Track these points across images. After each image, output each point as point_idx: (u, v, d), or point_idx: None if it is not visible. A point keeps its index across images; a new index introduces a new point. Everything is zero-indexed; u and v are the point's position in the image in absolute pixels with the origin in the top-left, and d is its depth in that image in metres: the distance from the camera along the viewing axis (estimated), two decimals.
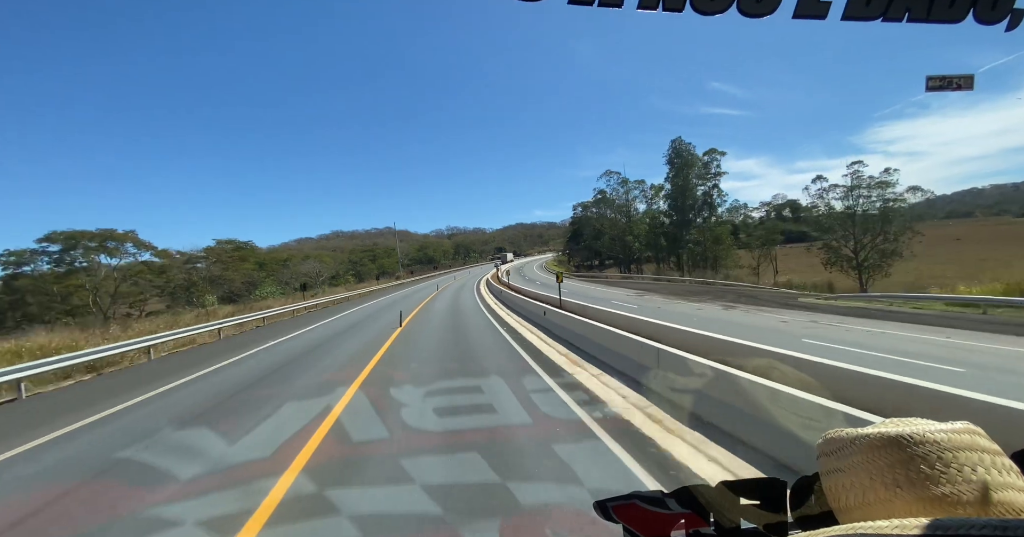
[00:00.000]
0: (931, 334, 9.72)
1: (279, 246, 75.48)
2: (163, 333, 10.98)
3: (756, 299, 19.03)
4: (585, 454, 3.46)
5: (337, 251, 78.26)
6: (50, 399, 6.61)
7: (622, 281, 38.57)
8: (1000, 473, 0.44)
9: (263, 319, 16.66)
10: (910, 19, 0.79)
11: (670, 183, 48.88)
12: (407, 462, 3.30)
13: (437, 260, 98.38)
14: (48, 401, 6.47)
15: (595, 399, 4.95)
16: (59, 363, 7.42)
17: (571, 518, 2.54)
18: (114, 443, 4.27)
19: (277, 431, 4.22)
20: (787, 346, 5.94)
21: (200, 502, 2.90)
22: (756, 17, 0.67)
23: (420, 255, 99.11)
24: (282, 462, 3.42)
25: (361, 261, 73.99)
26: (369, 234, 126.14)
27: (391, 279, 52.32)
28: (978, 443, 0.47)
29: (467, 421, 4.29)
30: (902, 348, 8.23)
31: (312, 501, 2.85)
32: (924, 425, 0.48)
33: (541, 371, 6.36)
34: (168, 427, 4.67)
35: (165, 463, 3.60)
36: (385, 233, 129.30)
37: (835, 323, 11.91)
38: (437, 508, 2.65)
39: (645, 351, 5.53)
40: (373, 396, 5.27)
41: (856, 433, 0.50)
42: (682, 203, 47.70)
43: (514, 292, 19.79)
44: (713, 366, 4.19)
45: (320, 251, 73.36)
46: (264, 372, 7.25)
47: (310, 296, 28.25)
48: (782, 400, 3.23)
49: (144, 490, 3.18)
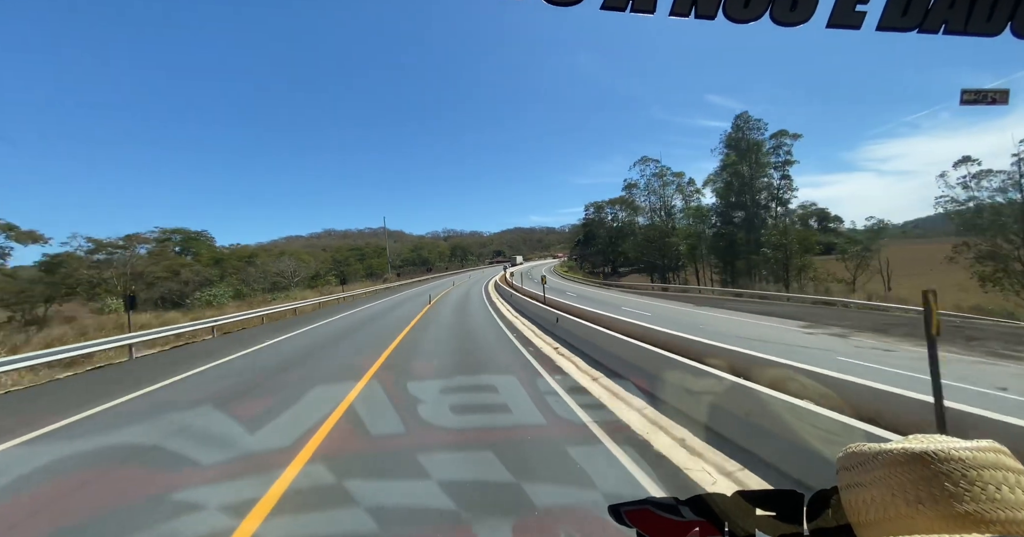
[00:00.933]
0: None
1: (267, 243, 74.24)
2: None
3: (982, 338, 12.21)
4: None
5: (328, 250, 76.35)
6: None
7: (681, 295, 30.76)
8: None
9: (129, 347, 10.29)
10: (946, 31, 0.84)
11: (727, 172, 40.70)
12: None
13: (432, 262, 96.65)
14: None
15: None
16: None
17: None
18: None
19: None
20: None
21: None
22: (789, 26, 0.72)
23: (413, 256, 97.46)
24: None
25: (347, 260, 72.08)
26: (362, 234, 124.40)
27: (378, 281, 47.97)
28: (1003, 462, 0.49)
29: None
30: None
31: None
32: (948, 442, 0.51)
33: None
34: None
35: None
36: (379, 233, 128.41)
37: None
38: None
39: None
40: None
41: (879, 448, 0.53)
42: (747, 198, 39.54)
43: (589, 322, 10.05)
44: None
45: (311, 249, 71.95)
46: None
47: (261, 302, 24.34)
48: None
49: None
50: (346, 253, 76.22)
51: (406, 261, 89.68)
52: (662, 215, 51.86)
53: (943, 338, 10.72)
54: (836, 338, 12.92)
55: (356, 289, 35.39)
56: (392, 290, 37.57)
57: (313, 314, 19.67)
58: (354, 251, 78.49)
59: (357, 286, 39.64)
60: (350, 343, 10.56)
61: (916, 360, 9.84)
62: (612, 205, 76.21)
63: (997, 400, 6.93)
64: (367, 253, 76.29)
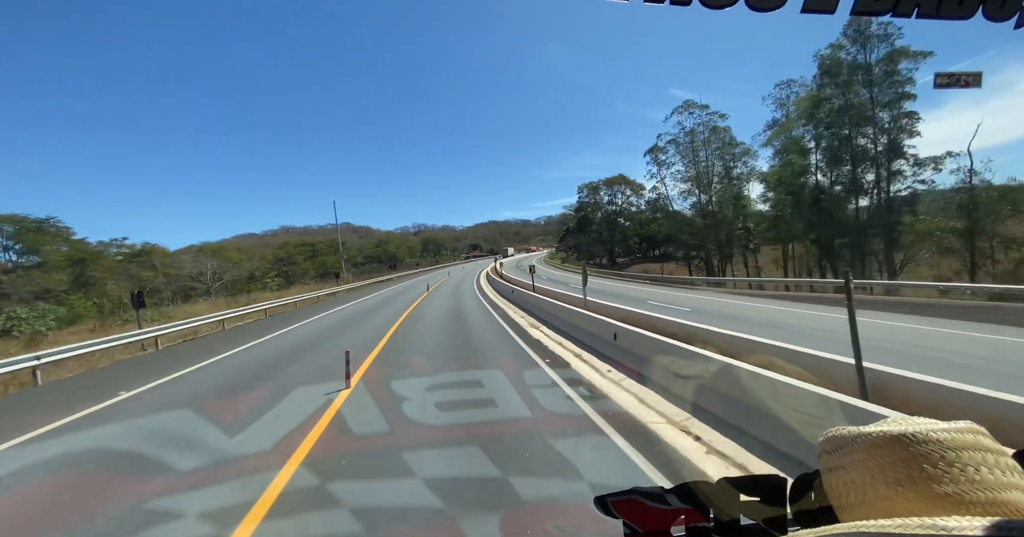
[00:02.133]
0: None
1: (216, 242, 67.51)
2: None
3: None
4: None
5: (281, 247, 72.48)
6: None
7: (765, 292, 23.69)
8: (1003, 473, 0.51)
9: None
10: (919, 15, 0.93)
11: (823, 111, 29.42)
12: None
13: (400, 258, 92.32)
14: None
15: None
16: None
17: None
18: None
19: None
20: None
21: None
22: (764, 11, 0.79)
23: (378, 252, 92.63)
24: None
25: (293, 258, 66.45)
26: (324, 230, 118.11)
27: (330, 282, 40.49)
28: (981, 443, 0.54)
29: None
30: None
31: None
32: (927, 424, 0.56)
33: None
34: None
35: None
36: (343, 229, 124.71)
37: None
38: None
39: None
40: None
41: (858, 431, 0.58)
42: (852, 148, 28.99)
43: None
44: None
45: (266, 247, 68.55)
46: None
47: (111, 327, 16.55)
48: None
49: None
50: (294, 249, 70.98)
51: (369, 258, 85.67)
52: (718, 182, 40.19)
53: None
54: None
55: (286, 296, 26.42)
56: (338, 299, 27.57)
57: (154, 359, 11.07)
58: (304, 247, 72.93)
59: (291, 292, 31.22)
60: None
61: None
62: (610, 186, 74.36)
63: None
64: (320, 249, 71.53)
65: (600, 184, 75.41)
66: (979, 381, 4.13)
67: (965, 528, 0.43)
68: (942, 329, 10.28)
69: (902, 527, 0.46)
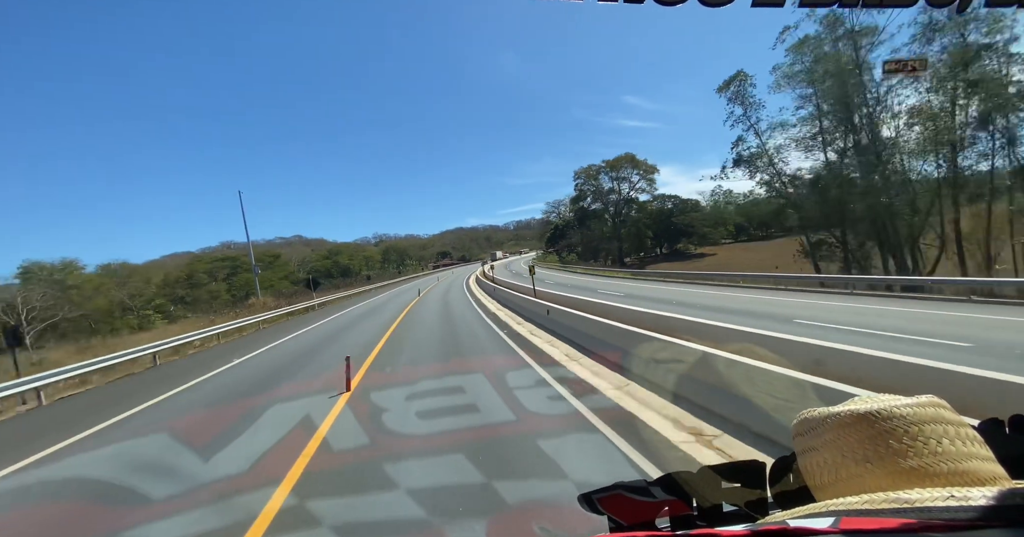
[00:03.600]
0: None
1: (143, 264, 58.41)
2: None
3: None
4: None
5: (194, 264, 62.71)
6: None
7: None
8: (964, 444, 0.59)
9: None
10: (864, 4, 1.09)
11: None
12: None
13: (356, 271, 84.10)
14: None
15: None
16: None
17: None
18: None
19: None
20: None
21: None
22: (715, 6, 0.91)
23: (326, 265, 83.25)
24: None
25: (197, 279, 55.24)
26: (272, 244, 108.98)
27: (241, 310, 30.74)
28: (942, 415, 0.62)
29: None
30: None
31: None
32: (891, 401, 0.64)
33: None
34: None
35: None
36: (294, 242, 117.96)
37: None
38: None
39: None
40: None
41: (828, 412, 0.66)
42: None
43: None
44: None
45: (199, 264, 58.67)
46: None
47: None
48: None
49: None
50: (207, 265, 60.05)
51: (317, 272, 71.02)
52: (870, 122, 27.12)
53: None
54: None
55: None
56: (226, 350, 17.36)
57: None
58: (222, 263, 60.59)
59: (172, 332, 21.86)
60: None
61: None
62: (614, 168, 67.17)
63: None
64: (242, 265, 57.62)
65: (602, 167, 69.05)
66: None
67: (926, 499, 0.50)
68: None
69: (869, 503, 0.53)
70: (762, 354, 6.14)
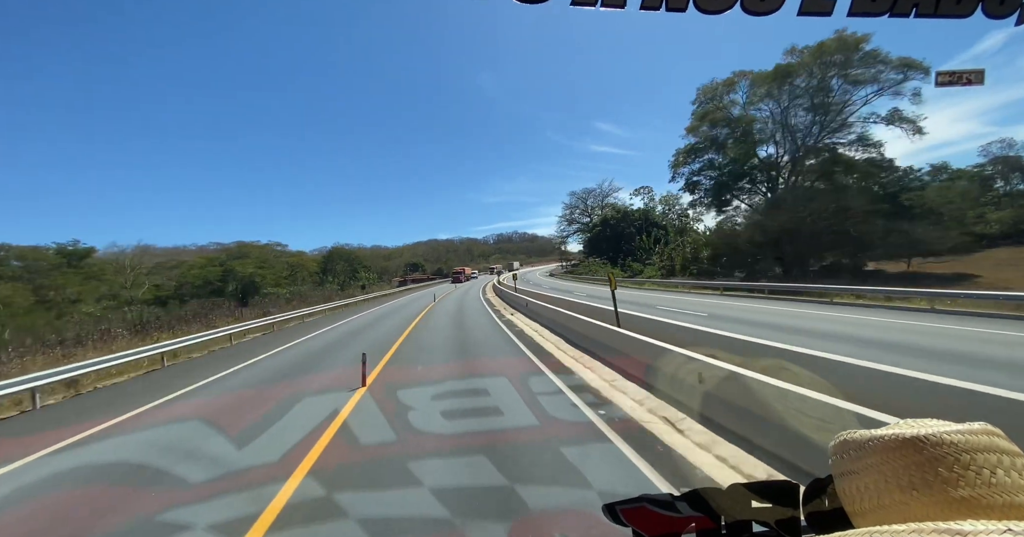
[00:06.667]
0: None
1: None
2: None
3: None
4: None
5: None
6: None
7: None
8: (1020, 476, 0.55)
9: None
10: (918, 14, 1.05)
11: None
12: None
13: (261, 285, 48.59)
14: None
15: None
16: None
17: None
18: None
19: None
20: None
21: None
22: (761, 15, 0.89)
23: (213, 275, 47.88)
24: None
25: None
26: (205, 250, 60.99)
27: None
28: (997, 444, 0.57)
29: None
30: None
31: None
32: (940, 426, 0.60)
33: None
34: None
35: None
36: (214, 249, 57.75)
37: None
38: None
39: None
40: None
41: (870, 435, 0.63)
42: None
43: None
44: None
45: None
46: None
47: None
48: None
49: None
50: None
51: (207, 285, 46.27)
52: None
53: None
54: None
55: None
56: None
57: None
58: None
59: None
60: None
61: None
62: (799, 71, 32.11)
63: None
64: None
65: (766, 76, 34.44)
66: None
67: (981, 532, 0.46)
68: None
69: (916, 532, 0.49)
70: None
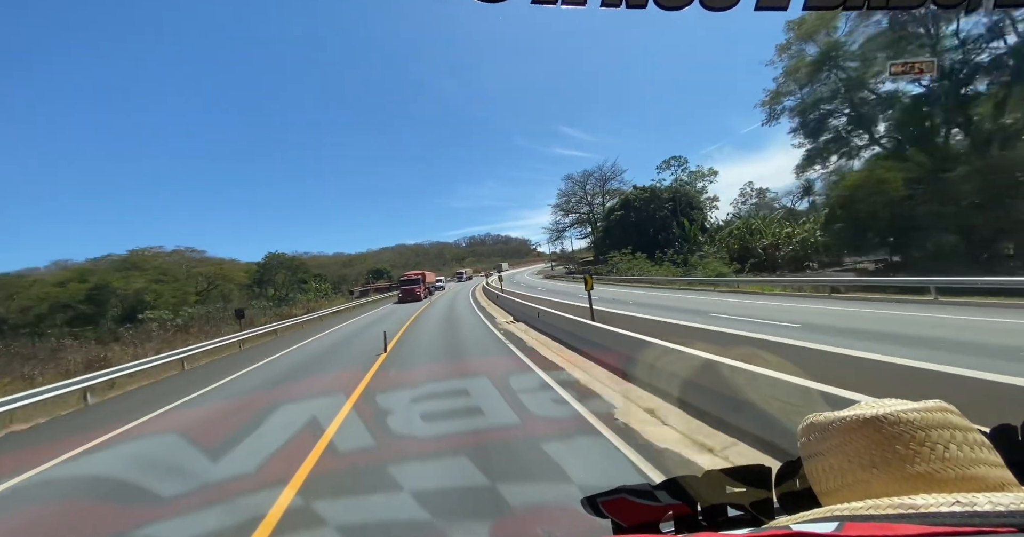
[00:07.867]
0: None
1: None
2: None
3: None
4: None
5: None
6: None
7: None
8: (972, 449, 0.58)
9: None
10: (870, 7, 1.08)
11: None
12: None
13: (147, 307, 33.15)
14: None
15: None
16: None
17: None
18: None
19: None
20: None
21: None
22: (719, 10, 0.90)
23: (72, 296, 32.60)
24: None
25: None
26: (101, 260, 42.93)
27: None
28: (950, 420, 0.61)
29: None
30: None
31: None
32: (899, 405, 0.63)
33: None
34: None
35: None
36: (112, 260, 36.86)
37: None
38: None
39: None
40: None
41: (834, 417, 0.66)
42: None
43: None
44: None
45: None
46: None
47: None
48: None
49: None
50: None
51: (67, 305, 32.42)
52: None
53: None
54: None
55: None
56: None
57: None
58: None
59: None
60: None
61: None
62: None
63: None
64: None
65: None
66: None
67: (932, 505, 0.50)
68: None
69: (874, 508, 0.53)
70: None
